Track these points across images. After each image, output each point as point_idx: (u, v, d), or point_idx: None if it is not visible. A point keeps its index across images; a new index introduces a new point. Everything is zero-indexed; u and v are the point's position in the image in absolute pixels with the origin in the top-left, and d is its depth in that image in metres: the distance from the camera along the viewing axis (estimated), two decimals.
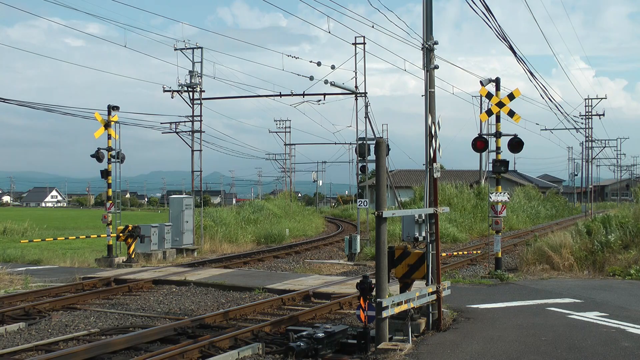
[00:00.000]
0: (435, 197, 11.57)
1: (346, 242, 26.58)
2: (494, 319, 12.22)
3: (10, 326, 12.38)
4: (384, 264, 9.80)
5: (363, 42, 29.32)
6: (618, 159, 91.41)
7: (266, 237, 36.16)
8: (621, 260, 19.90)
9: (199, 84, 30.71)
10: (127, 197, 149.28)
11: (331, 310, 13.91)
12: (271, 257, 27.25)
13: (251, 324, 12.50)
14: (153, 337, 11.32)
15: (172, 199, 31.17)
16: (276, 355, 10.18)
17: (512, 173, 79.21)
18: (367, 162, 29.30)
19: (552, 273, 19.42)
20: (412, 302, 10.27)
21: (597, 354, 9.51)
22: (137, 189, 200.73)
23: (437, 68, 12.59)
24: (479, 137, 20.02)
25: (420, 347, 9.90)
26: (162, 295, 16.44)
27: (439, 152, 11.65)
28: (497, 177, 20.29)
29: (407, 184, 66.06)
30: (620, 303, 13.86)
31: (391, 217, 10.77)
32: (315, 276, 19.36)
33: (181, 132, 31.42)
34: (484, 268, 22.29)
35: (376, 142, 10.54)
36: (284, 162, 68.93)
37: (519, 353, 9.59)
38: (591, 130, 59.57)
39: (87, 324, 12.92)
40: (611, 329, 11.17)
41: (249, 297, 15.99)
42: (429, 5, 12.55)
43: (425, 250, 11.33)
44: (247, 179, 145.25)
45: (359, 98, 29.07)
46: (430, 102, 12.01)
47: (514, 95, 19.61)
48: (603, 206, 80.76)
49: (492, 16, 15.91)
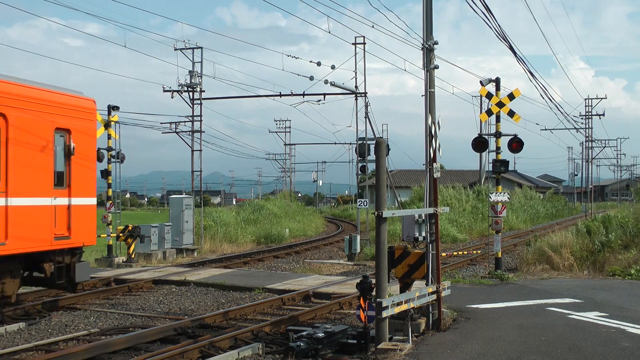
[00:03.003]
0: (435, 197, 11.58)
1: (346, 242, 26.57)
2: (494, 319, 12.22)
3: (10, 326, 12.38)
4: (384, 264, 9.80)
5: (363, 42, 29.30)
6: (618, 159, 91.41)
7: (266, 237, 36.14)
8: (621, 260, 19.90)
9: (199, 84, 30.70)
10: (127, 197, 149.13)
11: (331, 310, 13.91)
12: (271, 257, 27.24)
13: (251, 324, 12.50)
14: (153, 337, 11.32)
15: (172, 199, 31.15)
16: (276, 355, 10.18)
17: (512, 173, 79.15)
18: (367, 162, 29.29)
19: (552, 273, 19.42)
20: (412, 302, 10.28)
21: (597, 354, 9.52)
22: (137, 189, 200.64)
23: (437, 68, 12.59)
24: (479, 137, 20.02)
25: (420, 347, 9.91)
26: (162, 295, 16.44)
27: (439, 152, 11.65)
28: (497, 177, 20.29)
29: (407, 184, 66.07)
30: (620, 303, 13.86)
31: (391, 217, 10.77)
32: (315, 276, 19.36)
33: (181, 132, 31.40)
34: (484, 268, 22.28)
35: (376, 142, 10.54)
36: (284, 162, 68.95)
37: (519, 353, 9.60)
38: (591, 130, 59.58)
39: (87, 324, 12.92)
40: (611, 329, 11.18)
41: (249, 297, 16.00)
42: (428, 5, 12.55)
43: (425, 250, 11.33)
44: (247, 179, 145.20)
45: (359, 98, 29.06)
46: (430, 102, 12.01)
47: (514, 95, 19.61)
48: (603, 206, 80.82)
49: (492, 16, 15.92)
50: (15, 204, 12.43)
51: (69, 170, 13.91)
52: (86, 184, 14.52)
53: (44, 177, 13.22)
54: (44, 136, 13.19)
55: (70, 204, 13.86)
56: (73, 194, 13.98)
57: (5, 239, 12.16)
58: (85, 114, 14.51)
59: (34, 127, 12.97)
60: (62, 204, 13.70)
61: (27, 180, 12.82)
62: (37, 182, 13.04)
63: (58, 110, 13.65)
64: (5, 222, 12.18)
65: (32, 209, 12.89)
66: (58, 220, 13.50)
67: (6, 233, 12.17)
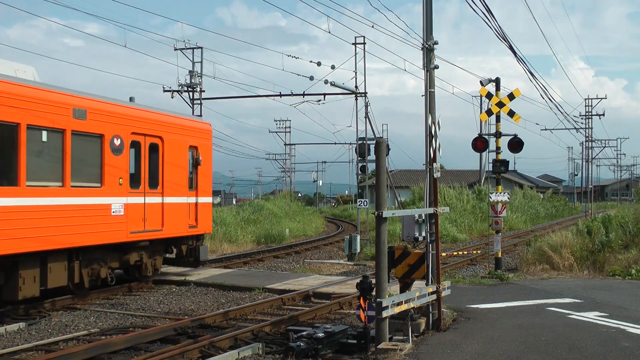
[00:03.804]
0: (436, 197, 11.58)
1: (346, 242, 26.57)
2: (494, 319, 12.21)
3: (10, 326, 12.38)
4: (384, 264, 9.80)
5: (363, 42, 29.31)
6: (618, 159, 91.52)
7: (266, 237, 36.12)
8: (621, 260, 19.90)
9: (199, 84, 30.74)
10: None
11: (331, 310, 13.91)
12: (271, 257, 27.23)
13: (251, 324, 12.50)
14: (153, 337, 11.32)
15: None
16: (276, 355, 10.18)
17: (512, 173, 79.15)
18: (367, 162, 29.29)
19: (552, 273, 19.42)
20: (412, 302, 10.28)
21: (597, 354, 9.52)
22: None
23: (437, 68, 12.58)
24: (479, 137, 20.02)
25: (420, 347, 9.91)
26: (162, 295, 16.45)
27: (439, 152, 11.65)
28: (497, 177, 20.30)
29: (407, 184, 66.06)
30: (620, 303, 13.86)
31: (391, 217, 10.77)
32: (315, 276, 19.36)
33: None
34: (484, 268, 22.29)
35: (376, 142, 10.54)
36: (284, 162, 69.00)
37: (518, 353, 9.60)
38: (591, 130, 59.65)
39: (87, 324, 12.92)
40: (611, 329, 11.18)
41: (249, 297, 16.00)
42: (428, 5, 12.55)
43: (425, 250, 11.33)
44: (247, 179, 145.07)
45: (359, 98, 29.07)
46: (430, 102, 12.00)
47: (514, 95, 19.61)
48: (603, 206, 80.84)
49: (492, 16, 15.92)
50: (167, 201, 17.17)
51: (196, 176, 18.64)
52: (206, 187, 19.16)
53: (183, 181, 18.04)
54: (182, 152, 18.00)
55: (197, 202, 18.57)
56: (199, 194, 18.70)
57: (162, 226, 17.00)
58: (205, 134, 19.27)
59: (177, 145, 17.72)
60: (192, 202, 18.44)
61: (174, 184, 17.48)
62: (179, 186, 17.77)
63: (189, 132, 18.38)
64: (162, 214, 16.99)
65: (176, 205, 17.66)
66: (190, 214, 18.30)
67: (162, 222, 17.01)
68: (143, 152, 16.44)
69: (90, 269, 15.09)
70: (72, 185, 13.99)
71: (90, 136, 14.62)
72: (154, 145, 16.83)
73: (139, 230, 16.11)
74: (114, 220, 15.23)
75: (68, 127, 13.83)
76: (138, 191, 16.19)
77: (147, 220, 16.40)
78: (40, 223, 13.05)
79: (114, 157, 15.20)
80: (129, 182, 15.77)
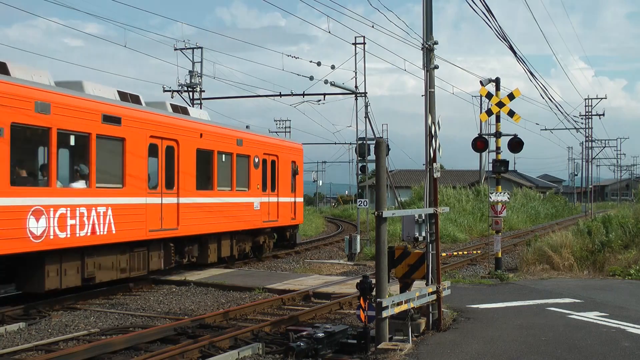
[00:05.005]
0: (436, 197, 11.58)
1: (346, 242, 26.55)
2: (494, 319, 12.22)
3: (10, 326, 12.38)
4: (384, 264, 9.80)
5: (363, 42, 29.26)
6: (618, 159, 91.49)
7: None
8: (621, 260, 19.89)
9: (199, 84, 30.74)
10: None
11: (331, 310, 13.91)
12: (271, 257, 27.21)
13: (251, 324, 12.51)
14: (153, 337, 11.32)
15: None
16: (276, 355, 10.17)
17: (512, 173, 79.13)
18: (367, 162, 29.28)
19: (552, 273, 19.41)
20: (412, 302, 10.27)
21: (597, 353, 9.52)
22: None
23: (437, 68, 12.58)
24: (479, 137, 20.03)
25: (420, 347, 9.90)
26: (162, 295, 16.45)
27: (439, 152, 11.65)
28: (497, 177, 20.30)
29: (407, 184, 66.06)
30: (620, 303, 13.86)
31: (391, 217, 10.77)
32: (315, 276, 19.37)
33: None
34: (484, 268, 22.29)
35: (376, 142, 10.54)
36: None
37: (519, 353, 9.60)
38: (591, 130, 59.67)
39: (87, 324, 12.92)
40: (611, 329, 11.18)
41: (249, 297, 16.00)
42: (428, 5, 12.55)
43: (425, 250, 11.33)
44: None
45: (359, 98, 29.03)
46: (430, 102, 12.00)
47: (514, 95, 19.61)
48: (603, 206, 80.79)
49: (492, 16, 15.92)
50: (281, 200, 24.86)
51: (294, 182, 26.31)
52: (300, 190, 27.10)
53: (288, 186, 25.79)
54: (287, 165, 25.81)
55: (295, 201, 26.47)
56: (296, 195, 26.56)
57: (277, 217, 24.56)
58: (299, 152, 27.40)
59: (285, 161, 25.52)
60: (292, 201, 26.25)
61: (284, 188, 25.31)
62: (287, 189, 25.64)
63: (290, 151, 26.33)
64: (277, 209, 24.57)
65: (285, 203, 25.49)
66: (292, 209, 26.18)
67: (277, 215, 24.57)
68: (268, 166, 23.98)
69: (239, 245, 22.22)
70: (236, 189, 21.48)
71: (244, 156, 22.16)
72: (273, 161, 24.47)
73: (266, 220, 23.64)
74: (255, 213, 22.84)
75: (234, 151, 21.41)
76: (266, 193, 23.65)
77: (270, 213, 23.97)
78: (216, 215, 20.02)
79: (254, 170, 22.75)
80: (262, 187, 23.35)
